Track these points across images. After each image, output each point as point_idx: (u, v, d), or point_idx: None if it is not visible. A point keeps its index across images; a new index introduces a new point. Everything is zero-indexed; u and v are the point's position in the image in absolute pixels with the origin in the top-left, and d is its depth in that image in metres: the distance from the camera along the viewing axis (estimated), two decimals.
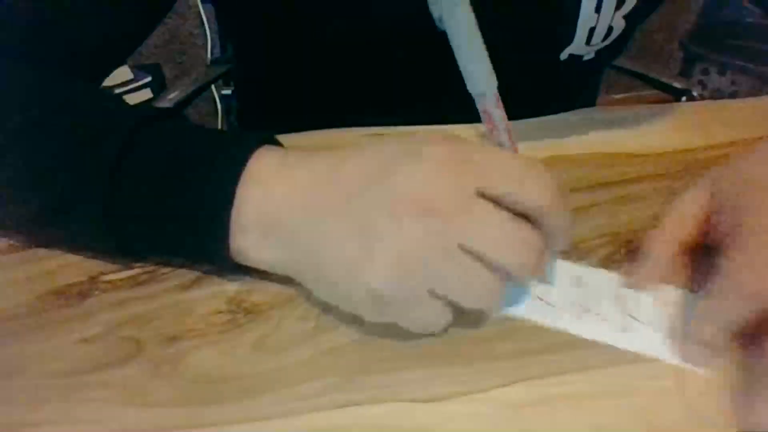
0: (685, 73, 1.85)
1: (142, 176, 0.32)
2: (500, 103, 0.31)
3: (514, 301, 0.33)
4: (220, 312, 0.33)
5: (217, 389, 0.29)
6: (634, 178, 0.43)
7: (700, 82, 1.79)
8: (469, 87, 0.30)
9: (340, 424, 0.28)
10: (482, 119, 0.31)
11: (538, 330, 0.32)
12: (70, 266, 0.36)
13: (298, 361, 0.30)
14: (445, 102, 0.43)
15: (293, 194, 0.31)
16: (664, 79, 0.92)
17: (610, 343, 0.31)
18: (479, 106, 0.31)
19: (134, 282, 0.35)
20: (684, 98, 0.89)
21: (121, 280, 0.35)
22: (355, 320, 0.32)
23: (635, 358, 0.30)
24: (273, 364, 0.30)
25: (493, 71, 0.30)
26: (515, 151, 0.31)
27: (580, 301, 0.33)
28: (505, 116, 0.31)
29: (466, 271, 0.28)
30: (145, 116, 0.34)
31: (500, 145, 0.31)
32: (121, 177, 0.32)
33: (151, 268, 0.36)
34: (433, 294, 0.28)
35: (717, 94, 1.76)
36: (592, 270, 0.35)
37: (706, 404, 0.28)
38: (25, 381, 0.30)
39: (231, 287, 0.34)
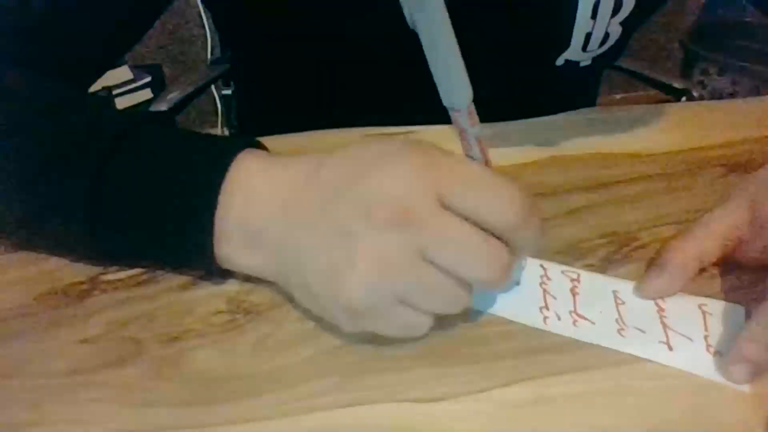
0: (685, 73, 1.85)
1: (125, 183, 0.32)
2: (475, 118, 0.29)
3: (555, 320, 0.32)
4: (220, 312, 0.33)
5: (217, 389, 0.29)
6: (634, 178, 0.43)
7: (700, 82, 1.79)
8: (442, 98, 0.28)
9: (340, 424, 0.28)
10: (457, 133, 0.30)
11: (538, 330, 0.32)
12: (70, 266, 0.36)
13: (298, 361, 0.30)
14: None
15: (273, 199, 0.31)
16: (664, 79, 0.92)
17: (654, 359, 0.30)
18: (452, 119, 0.29)
19: (134, 282, 0.35)
20: (684, 98, 0.89)
21: (121, 280, 0.35)
22: None
23: (635, 358, 0.30)
24: (273, 364, 0.30)
25: (468, 83, 0.28)
26: (488, 165, 0.30)
27: (619, 317, 0.32)
28: (480, 132, 0.29)
29: (429, 282, 0.28)
30: (130, 122, 0.34)
31: (472, 159, 0.30)
32: (104, 183, 0.32)
33: (151, 268, 0.36)
34: (403, 303, 0.28)
35: (717, 94, 1.76)
36: (626, 283, 0.34)
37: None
38: (25, 381, 0.30)
39: (231, 287, 0.34)
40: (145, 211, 0.32)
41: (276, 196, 0.31)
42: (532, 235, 0.29)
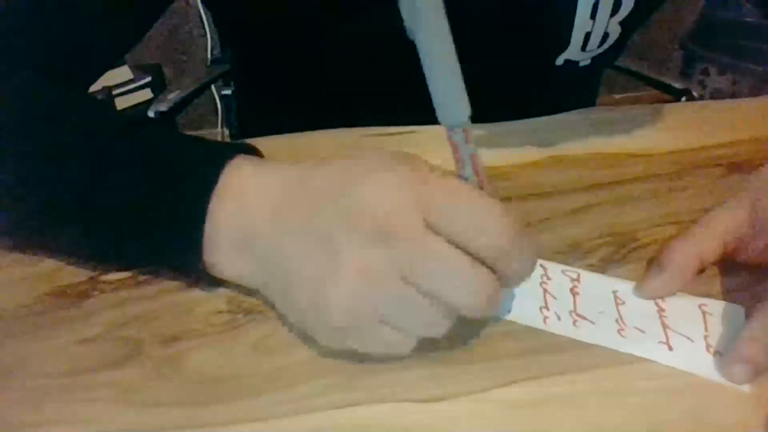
0: (685, 73, 1.85)
1: (119, 185, 0.32)
2: (471, 137, 0.27)
3: (555, 320, 0.32)
4: (220, 312, 0.33)
5: (217, 389, 0.29)
6: (634, 178, 0.43)
7: (700, 82, 1.79)
8: (437, 114, 0.27)
9: (340, 424, 0.28)
10: (451, 150, 0.28)
11: (538, 330, 0.32)
12: (70, 266, 0.36)
13: (298, 361, 0.30)
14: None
15: (264, 205, 0.30)
16: (664, 79, 0.92)
17: (654, 359, 0.30)
18: (447, 136, 0.28)
19: (134, 282, 0.35)
20: (684, 98, 0.89)
21: (121, 280, 0.35)
22: None
23: (635, 358, 0.30)
24: (273, 364, 0.30)
25: (466, 100, 0.27)
26: (481, 187, 0.29)
27: (619, 317, 0.32)
28: (476, 152, 0.28)
29: (409, 302, 0.27)
30: (127, 124, 0.34)
31: (463, 179, 0.28)
32: (99, 185, 0.32)
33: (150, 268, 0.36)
34: (383, 322, 0.27)
35: (717, 94, 1.76)
36: (626, 283, 0.34)
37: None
38: (25, 381, 0.30)
39: (231, 287, 0.34)
40: (140, 214, 0.32)
41: (267, 201, 0.31)
42: (521, 264, 0.28)
